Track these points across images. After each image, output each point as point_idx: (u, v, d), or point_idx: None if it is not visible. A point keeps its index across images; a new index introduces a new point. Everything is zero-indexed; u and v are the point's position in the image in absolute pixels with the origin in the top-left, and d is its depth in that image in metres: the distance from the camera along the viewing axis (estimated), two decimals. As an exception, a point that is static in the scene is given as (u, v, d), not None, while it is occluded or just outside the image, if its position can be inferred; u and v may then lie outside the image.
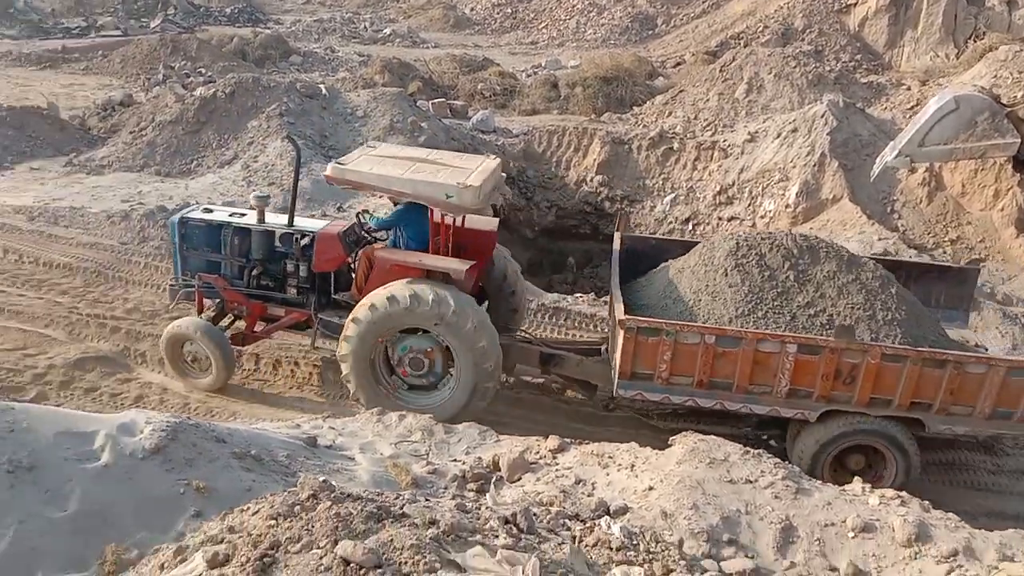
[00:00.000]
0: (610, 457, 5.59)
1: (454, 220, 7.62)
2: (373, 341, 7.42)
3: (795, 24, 25.43)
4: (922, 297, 7.93)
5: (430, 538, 2.87)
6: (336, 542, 2.75)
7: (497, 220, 8.80)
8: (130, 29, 28.53)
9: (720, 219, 13.91)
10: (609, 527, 4.24)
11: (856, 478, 5.73)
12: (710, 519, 4.75)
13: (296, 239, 8.18)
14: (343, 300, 7.84)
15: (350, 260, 8.09)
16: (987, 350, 7.94)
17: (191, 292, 8.47)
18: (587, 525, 4.35)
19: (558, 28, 32.81)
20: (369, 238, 8.20)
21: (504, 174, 8.69)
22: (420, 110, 15.59)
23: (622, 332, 6.77)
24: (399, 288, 7.22)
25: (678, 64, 25.26)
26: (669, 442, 5.70)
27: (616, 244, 8.27)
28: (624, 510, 4.84)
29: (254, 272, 8.45)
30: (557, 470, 5.55)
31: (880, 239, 11.20)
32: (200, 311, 8.34)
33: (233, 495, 4.36)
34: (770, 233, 7.58)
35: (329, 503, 3.04)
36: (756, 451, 5.37)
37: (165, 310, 8.88)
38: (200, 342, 7.88)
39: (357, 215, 8.67)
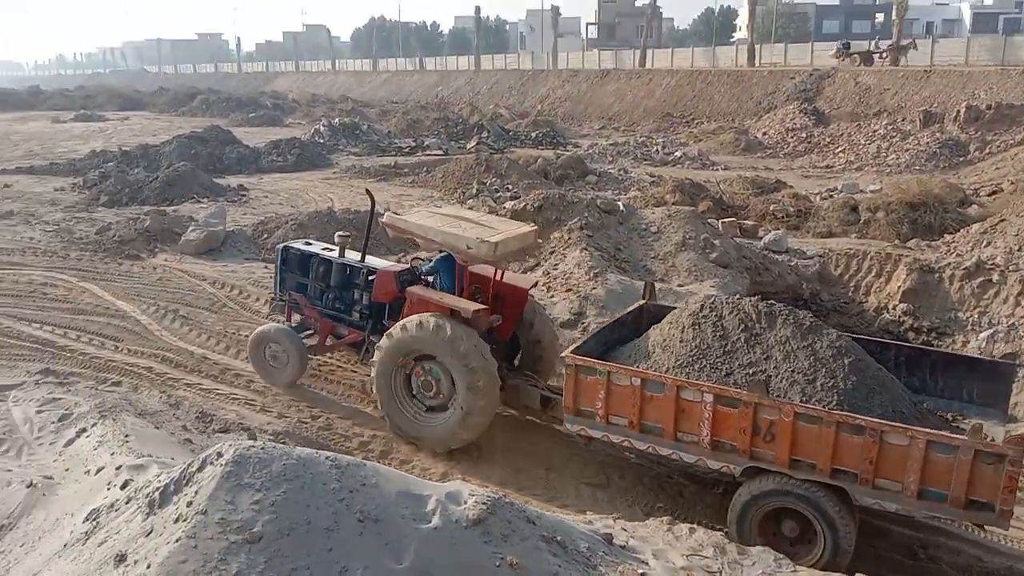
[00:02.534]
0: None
1: (495, 273, 9.01)
2: (393, 363, 8.65)
3: None
4: (952, 391, 7.77)
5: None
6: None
7: (534, 279, 10.29)
8: (450, 149, 32.27)
9: (1051, 361, 12.34)
10: None
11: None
12: None
13: (363, 273, 9.90)
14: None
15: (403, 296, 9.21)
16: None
17: (284, 306, 10.54)
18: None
19: (856, 152, 31.76)
20: (421, 279, 9.42)
21: (539, 240, 10.16)
22: (712, 227, 15.77)
23: (565, 369, 7.52)
24: (413, 318, 8.52)
25: (994, 193, 23.23)
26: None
27: (632, 307, 9.15)
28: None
29: (330, 296, 10.25)
30: (864, 610, 5.16)
31: None
32: (288, 320, 10.43)
33: (541, 577, 4.58)
34: (738, 298, 7.86)
35: (656, 592, 3.12)
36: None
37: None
38: (281, 342, 9.81)
39: (411, 260, 10.30)
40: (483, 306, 8.59)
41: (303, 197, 22.35)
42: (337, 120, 39.28)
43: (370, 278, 9.75)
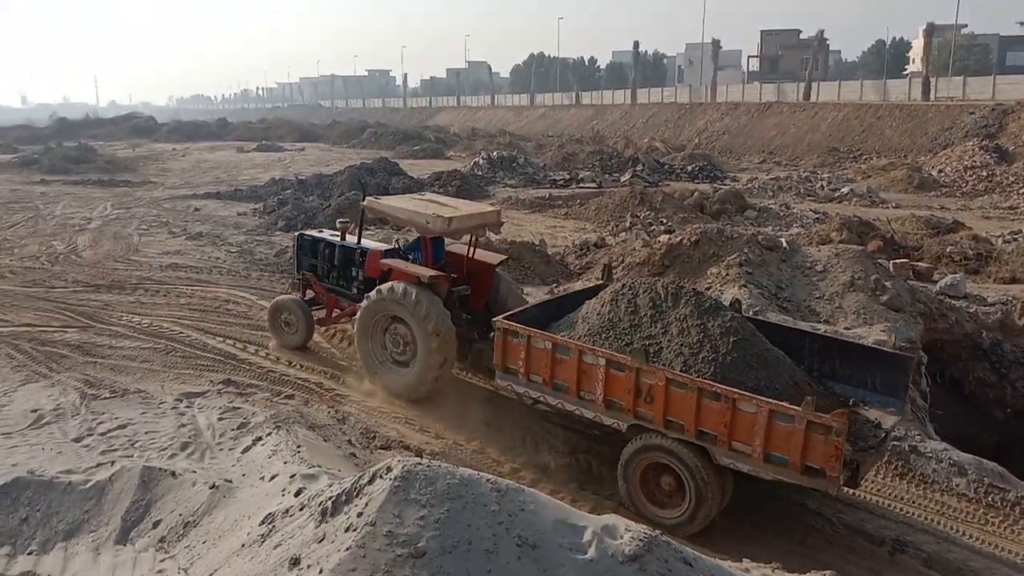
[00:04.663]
0: None
1: (467, 251, 10.95)
2: (370, 321, 10.34)
3: None
4: (858, 379, 8.34)
5: None
6: None
7: (502, 256, 11.74)
8: (604, 182, 32.39)
9: None
10: None
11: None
12: None
13: (358, 253, 11.59)
14: None
15: None
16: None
17: (299, 283, 12.48)
18: None
19: (1045, 193, 29.35)
20: (404, 255, 11.05)
21: (503, 222, 11.32)
22: (883, 268, 14.96)
23: (495, 331, 8.70)
24: (386, 284, 10.12)
25: None
26: None
27: (590, 286, 10.38)
28: None
29: (333, 274, 12.08)
30: None
31: None
32: (302, 295, 12.34)
33: (699, 619, 4.46)
34: (654, 280, 8.86)
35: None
36: None
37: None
38: (293, 312, 11.88)
39: (395, 240, 12.38)
40: (440, 273, 10.24)
41: (462, 227, 23.05)
42: (495, 153, 40.34)
43: (363, 257, 11.45)
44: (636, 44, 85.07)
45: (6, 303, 14.71)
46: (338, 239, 12.08)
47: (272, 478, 6.75)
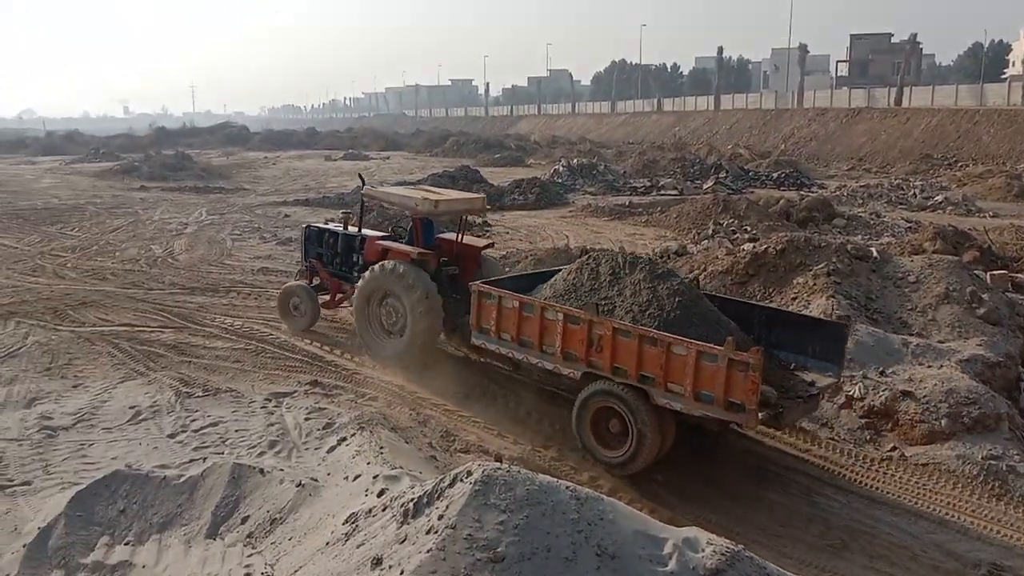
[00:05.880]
0: None
1: (457, 235, 12.30)
2: (366, 296, 11.57)
3: None
4: (800, 347, 9.08)
5: None
6: None
7: (487, 241, 13.25)
8: (686, 189, 32.01)
9: None
10: None
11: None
12: None
13: (359, 240, 12.88)
14: None
15: None
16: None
17: (306, 271, 13.82)
18: None
19: None
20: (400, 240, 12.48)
21: (487, 208, 13.08)
22: (980, 280, 14.30)
23: (472, 294, 9.64)
24: (383, 263, 11.38)
25: None
26: None
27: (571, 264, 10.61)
28: None
29: (336, 261, 13.36)
30: None
31: None
32: (309, 282, 13.61)
33: (781, 637, 4.36)
34: (617, 251, 9.99)
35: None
36: None
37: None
38: (299, 295, 13.09)
39: (391, 228, 14.33)
40: (427, 250, 11.48)
41: (541, 234, 23.11)
42: (575, 160, 40.29)
43: (363, 243, 12.69)
44: (720, 49, 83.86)
45: (107, 303, 15.46)
46: (341, 228, 13.54)
47: (356, 478, 6.90)
